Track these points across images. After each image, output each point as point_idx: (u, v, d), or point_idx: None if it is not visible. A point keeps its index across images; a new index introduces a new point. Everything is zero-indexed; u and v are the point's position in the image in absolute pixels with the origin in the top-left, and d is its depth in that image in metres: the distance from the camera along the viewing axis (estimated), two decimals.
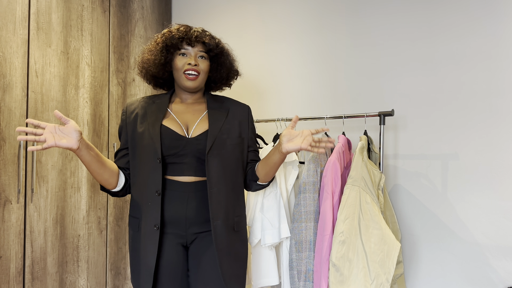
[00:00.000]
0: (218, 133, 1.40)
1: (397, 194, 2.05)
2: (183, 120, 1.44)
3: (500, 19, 1.82)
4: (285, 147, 1.36)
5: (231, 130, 1.45)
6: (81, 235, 2.14)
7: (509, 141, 1.79)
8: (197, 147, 1.37)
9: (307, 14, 2.34)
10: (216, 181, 1.37)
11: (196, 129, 1.42)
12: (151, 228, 1.35)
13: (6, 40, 1.82)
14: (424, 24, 1.99)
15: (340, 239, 1.62)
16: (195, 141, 1.38)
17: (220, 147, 1.39)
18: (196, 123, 1.43)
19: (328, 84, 2.26)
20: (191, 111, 1.47)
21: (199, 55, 1.45)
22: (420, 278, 1.98)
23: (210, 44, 1.45)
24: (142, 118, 1.44)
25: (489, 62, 1.84)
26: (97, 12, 2.26)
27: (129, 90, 2.45)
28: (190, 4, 2.78)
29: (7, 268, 1.81)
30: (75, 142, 1.23)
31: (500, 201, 1.80)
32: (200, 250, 1.39)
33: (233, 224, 1.42)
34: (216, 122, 1.42)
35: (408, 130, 2.03)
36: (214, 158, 1.37)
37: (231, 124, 1.47)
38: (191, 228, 1.39)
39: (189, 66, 1.42)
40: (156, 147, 1.36)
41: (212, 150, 1.37)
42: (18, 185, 1.86)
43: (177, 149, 1.37)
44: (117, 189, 1.45)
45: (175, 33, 1.44)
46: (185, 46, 1.44)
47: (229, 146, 1.42)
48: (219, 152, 1.38)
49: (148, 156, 1.37)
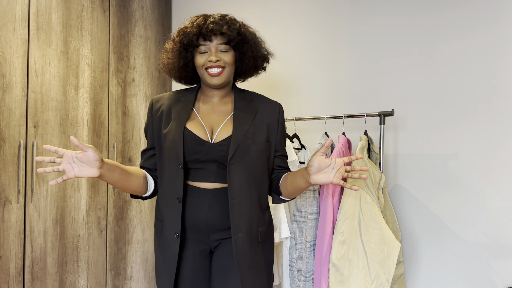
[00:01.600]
0: (242, 139, 1.29)
1: (397, 194, 2.05)
2: (208, 122, 1.35)
3: (500, 19, 1.82)
4: (314, 179, 1.21)
5: (257, 134, 1.34)
6: (81, 235, 2.14)
7: (509, 141, 1.79)
8: (220, 153, 1.29)
9: (308, 14, 2.33)
10: (239, 190, 1.29)
11: (220, 133, 1.32)
12: (172, 236, 1.31)
13: (6, 40, 1.82)
14: (425, 24, 1.99)
15: (340, 239, 1.62)
16: (218, 147, 1.30)
17: (244, 153, 1.29)
18: (220, 126, 1.34)
19: (328, 84, 2.26)
20: (217, 112, 1.38)
21: (219, 48, 1.32)
22: (420, 278, 1.98)
23: (230, 34, 1.31)
24: (167, 117, 1.37)
25: (489, 62, 1.84)
26: (97, 12, 2.26)
27: (129, 90, 2.45)
28: (190, 4, 2.78)
29: (7, 268, 1.81)
30: (96, 171, 1.17)
31: (500, 201, 1.80)
32: (224, 257, 1.34)
33: (258, 236, 1.33)
34: (241, 126, 1.31)
35: (408, 130, 2.03)
36: (237, 166, 1.28)
37: (258, 127, 1.35)
38: (213, 235, 1.33)
39: (210, 63, 1.30)
40: (179, 152, 1.29)
41: (234, 157, 1.27)
42: (18, 185, 1.85)
43: (199, 154, 1.30)
44: (148, 194, 1.40)
45: (190, 29, 1.32)
46: (203, 42, 1.32)
47: (254, 152, 1.31)
48: (242, 159, 1.28)
49: (171, 160, 1.31)
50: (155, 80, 2.65)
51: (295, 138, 2.07)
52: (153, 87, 2.62)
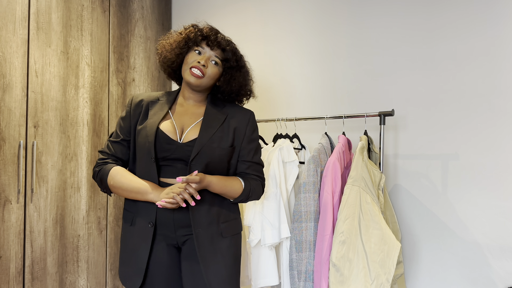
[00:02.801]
0: (207, 142, 1.38)
1: (397, 194, 2.05)
2: (180, 122, 1.44)
3: (500, 19, 1.82)
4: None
5: (223, 139, 1.42)
6: (81, 235, 2.14)
7: (509, 141, 1.79)
8: (186, 153, 1.37)
9: (307, 14, 2.33)
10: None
11: (189, 134, 1.41)
12: (146, 225, 1.37)
13: (6, 40, 1.82)
14: (424, 24, 1.99)
15: (340, 239, 1.62)
16: (184, 147, 1.38)
17: (206, 156, 1.37)
18: (189, 127, 1.42)
19: (328, 84, 2.26)
20: (189, 114, 1.46)
21: (212, 59, 1.43)
22: (420, 278, 1.98)
23: (229, 54, 1.43)
24: (143, 115, 1.45)
25: (489, 62, 1.84)
26: (97, 12, 2.26)
27: (129, 90, 2.45)
28: (190, 4, 2.78)
29: (7, 268, 1.81)
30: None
31: (500, 201, 1.80)
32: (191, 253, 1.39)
33: (220, 231, 1.40)
34: (208, 130, 1.40)
35: (408, 130, 2.03)
36: (198, 166, 1.36)
37: (225, 132, 1.43)
38: (179, 230, 1.39)
39: (197, 64, 1.40)
40: (150, 148, 1.36)
41: (196, 158, 1.36)
42: (18, 185, 1.85)
43: (168, 152, 1.37)
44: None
45: (199, 30, 1.44)
46: (203, 45, 1.43)
47: (217, 156, 1.40)
48: (203, 161, 1.36)
49: (144, 155, 1.39)
50: (155, 80, 2.65)
51: (295, 138, 2.08)
52: (153, 87, 2.62)
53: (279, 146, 1.96)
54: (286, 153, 1.94)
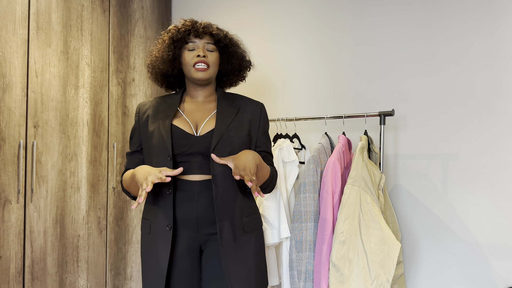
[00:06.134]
0: (224, 131, 1.36)
1: (397, 194, 2.05)
2: (193, 119, 1.42)
3: (500, 19, 1.82)
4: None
5: (239, 129, 1.40)
6: (81, 235, 2.14)
7: (509, 141, 1.79)
8: (205, 145, 1.34)
9: (308, 14, 2.33)
10: (222, 180, 1.33)
11: (205, 127, 1.39)
12: (164, 229, 1.32)
13: (6, 40, 1.82)
14: (425, 24, 1.99)
15: (340, 239, 1.62)
16: (202, 139, 1.35)
17: (226, 144, 1.35)
18: (205, 121, 1.40)
19: (329, 84, 2.26)
20: (201, 110, 1.44)
21: (207, 47, 1.42)
22: (420, 278, 1.98)
23: (218, 34, 1.43)
24: (153, 118, 1.43)
25: (489, 62, 1.84)
26: (97, 12, 2.26)
27: (129, 90, 2.45)
28: (190, 4, 2.78)
29: (7, 268, 1.81)
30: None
31: (500, 201, 1.80)
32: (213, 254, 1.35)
33: (243, 225, 1.36)
34: (224, 120, 1.38)
35: (408, 130, 2.03)
36: (220, 156, 1.33)
37: (240, 122, 1.41)
38: (203, 228, 1.35)
39: (198, 59, 1.39)
40: (167, 145, 1.34)
41: (217, 148, 1.33)
42: (18, 185, 1.85)
43: (186, 147, 1.35)
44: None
45: (181, 27, 1.42)
46: (193, 39, 1.42)
47: (236, 145, 1.37)
48: (224, 150, 1.34)
49: (159, 155, 1.36)
50: None
51: (295, 138, 2.08)
52: (153, 87, 2.62)
53: (279, 146, 1.96)
54: (286, 153, 1.94)
